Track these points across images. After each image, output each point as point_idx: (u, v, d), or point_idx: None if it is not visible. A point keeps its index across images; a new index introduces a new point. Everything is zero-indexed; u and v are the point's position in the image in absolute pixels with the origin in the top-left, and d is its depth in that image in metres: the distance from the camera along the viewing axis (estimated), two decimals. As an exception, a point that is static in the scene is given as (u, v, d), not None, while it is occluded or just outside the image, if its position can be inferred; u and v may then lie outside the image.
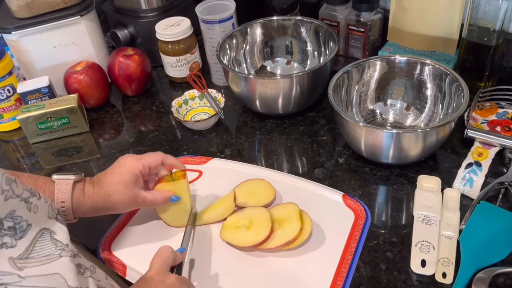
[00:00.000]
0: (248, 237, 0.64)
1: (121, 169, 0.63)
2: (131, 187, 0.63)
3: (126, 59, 0.97)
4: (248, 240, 0.64)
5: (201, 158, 0.81)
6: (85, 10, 0.96)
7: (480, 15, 0.77)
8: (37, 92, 0.92)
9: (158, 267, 0.55)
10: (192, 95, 0.93)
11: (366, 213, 0.68)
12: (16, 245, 0.43)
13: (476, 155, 0.73)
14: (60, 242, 0.48)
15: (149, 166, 0.65)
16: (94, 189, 0.62)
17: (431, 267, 0.60)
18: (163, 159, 0.67)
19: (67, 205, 0.60)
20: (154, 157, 0.66)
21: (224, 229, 0.67)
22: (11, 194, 0.43)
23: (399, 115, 0.83)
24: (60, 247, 0.48)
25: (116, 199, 0.62)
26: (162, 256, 0.56)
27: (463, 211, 0.67)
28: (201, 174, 0.79)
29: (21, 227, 0.44)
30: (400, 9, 0.87)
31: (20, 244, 0.43)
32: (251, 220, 0.66)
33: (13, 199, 0.43)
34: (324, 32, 0.92)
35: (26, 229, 0.45)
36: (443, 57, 0.87)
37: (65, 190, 0.60)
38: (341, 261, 0.62)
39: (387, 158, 0.73)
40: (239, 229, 0.66)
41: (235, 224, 0.67)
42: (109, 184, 0.62)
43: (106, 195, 0.62)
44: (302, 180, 0.75)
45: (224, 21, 0.92)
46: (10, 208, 0.43)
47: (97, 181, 0.63)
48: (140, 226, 0.72)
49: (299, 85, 0.82)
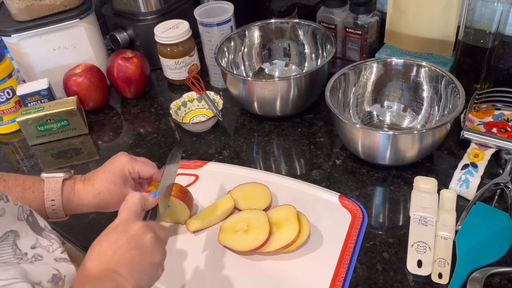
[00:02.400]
0: (246, 242, 0.64)
1: (113, 167, 0.63)
2: (121, 186, 0.62)
3: (125, 62, 0.97)
4: (246, 244, 0.64)
5: (197, 162, 0.82)
6: (85, 13, 0.96)
7: (476, 18, 0.78)
8: (37, 94, 0.93)
9: (124, 216, 0.52)
10: (190, 97, 0.94)
11: (362, 213, 0.69)
12: None
13: (472, 156, 0.74)
14: (19, 250, 0.47)
15: (140, 173, 0.64)
16: (84, 186, 0.62)
17: (427, 268, 0.61)
18: (155, 174, 0.65)
19: (58, 203, 0.60)
20: (146, 167, 0.64)
21: (222, 233, 0.67)
22: None
23: (395, 116, 0.84)
24: (18, 255, 0.47)
25: (105, 196, 0.62)
26: (128, 203, 0.54)
27: (459, 212, 0.67)
28: (197, 178, 0.79)
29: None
30: (397, 12, 0.88)
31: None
32: (249, 223, 0.66)
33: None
34: (321, 35, 0.92)
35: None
36: (440, 59, 0.88)
37: (54, 188, 0.60)
38: (339, 261, 0.63)
39: (384, 159, 0.73)
40: (237, 233, 0.66)
41: (233, 227, 0.67)
42: (99, 182, 0.62)
43: (96, 192, 0.61)
44: (298, 182, 0.75)
45: (223, 24, 0.93)
46: None
47: (88, 178, 0.63)
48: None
49: (297, 87, 0.82)
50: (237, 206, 0.72)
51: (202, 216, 0.70)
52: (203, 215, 0.70)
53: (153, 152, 0.87)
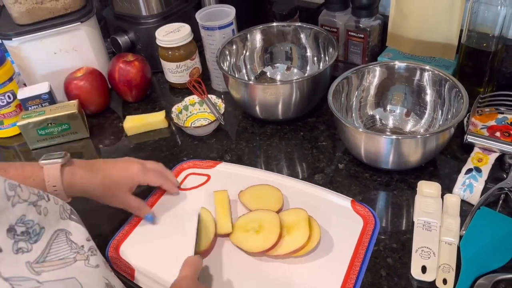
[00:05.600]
0: (256, 243, 0.64)
1: (126, 173, 0.68)
2: (125, 192, 0.68)
3: (126, 65, 0.97)
4: (256, 246, 0.64)
5: (209, 162, 0.81)
6: (86, 16, 0.96)
7: (479, 21, 0.78)
8: (38, 98, 0.92)
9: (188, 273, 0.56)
10: (192, 101, 0.93)
11: (375, 219, 0.68)
12: (32, 249, 0.43)
13: (476, 160, 0.73)
14: (75, 244, 0.49)
15: (149, 184, 0.72)
16: (92, 174, 0.65)
17: (432, 273, 0.60)
18: (163, 183, 0.73)
19: (59, 188, 0.62)
20: (156, 179, 0.72)
21: (234, 231, 0.67)
22: (17, 200, 0.44)
23: (398, 120, 0.84)
24: (75, 249, 0.48)
25: (107, 194, 0.67)
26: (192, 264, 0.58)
27: (463, 217, 0.67)
28: (209, 178, 0.79)
29: (34, 231, 0.44)
30: (399, 15, 0.87)
31: (36, 248, 0.44)
32: (261, 224, 0.66)
33: (20, 204, 0.44)
34: (323, 38, 0.92)
35: (40, 232, 0.45)
36: (442, 62, 0.87)
37: (54, 175, 0.62)
38: (349, 268, 0.62)
39: (387, 163, 0.73)
40: (248, 232, 0.66)
41: (244, 226, 0.67)
42: (107, 179, 0.66)
43: (101, 186, 0.66)
44: (310, 185, 0.74)
45: (224, 27, 0.92)
46: (19, 213, 0.43)
47: (97, 169, 0.66)
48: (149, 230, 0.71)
49: (299, 91, 0.82)
50: (248, 207, 0.71)
51: None
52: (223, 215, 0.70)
53: (154, 156, 0.86)
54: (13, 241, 0.42)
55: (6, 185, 0.43)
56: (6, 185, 0.43)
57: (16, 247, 0.42)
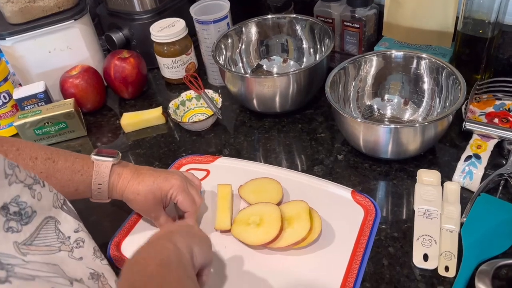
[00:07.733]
0: (257, 236, 0.64)
1: (164, 184, 0.64)
2: (157, 204, 0.65)
3: (121, 62, 0.96)
4: (257, 239, 0.64)
5: (208, 157, 0.81)
6: (79, 14, 0.95)
7: (475, 8, 0.77)
8: (33, 97, 0.92)
9: None
10: (189, 96, 0.93)
11: (375, 208, 0.68)
12: (21, 230, 0.44)
13: (475, 147, 0.73)
14: (62, 234, 0.49)
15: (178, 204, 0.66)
16: (131, 179, 0.63)
17: (434, 261, 0.61)
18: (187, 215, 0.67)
19: (104, 187, 0.62)
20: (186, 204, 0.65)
21: (235, 225, 0.67)
22: (14, 179, 0.44)
23: (396, 110, 0.83)
24: (61, 239, 0.49)
25: (138, 201, 0.64)
26: None
27: (464, 204, 0.67)
28: (208, 173, 0.79)
29: (26, 213, 0.45)
30: (394, 4, 0.87)
31: (25, 230, 0.44)
32: (262, 217, 0.66)
33: (16, 184, 0.44)
34: (319, 29, 0.92)
35: (32, 215, 0.46)
36: (439, 50, 0.87)
37: (103, 173, 0.62)
38: (351, 258, 0.62)
39: (386, 153, 0.73)
40: (249, 226, 0.66)
41: (246, 220, 0.67)
42: (144, 186, 0.63)
43: (135, 192, 0.63)
44: (310, 177, 0.74)
45: (219, 21, 0.92)
46: (14, 193, 0.44)
47: (138, 174, 0.64)
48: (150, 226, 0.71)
49: (296, 83, 0.82)
50: (248, 201, 0.71)
51: None
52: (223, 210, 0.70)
53: (152, 153, 0.86)
54: (5, 219, 0.42)
55: (6, 163, 0.43)
56: (6, 163, 0.43)
57: (7, 226, 0.42)
